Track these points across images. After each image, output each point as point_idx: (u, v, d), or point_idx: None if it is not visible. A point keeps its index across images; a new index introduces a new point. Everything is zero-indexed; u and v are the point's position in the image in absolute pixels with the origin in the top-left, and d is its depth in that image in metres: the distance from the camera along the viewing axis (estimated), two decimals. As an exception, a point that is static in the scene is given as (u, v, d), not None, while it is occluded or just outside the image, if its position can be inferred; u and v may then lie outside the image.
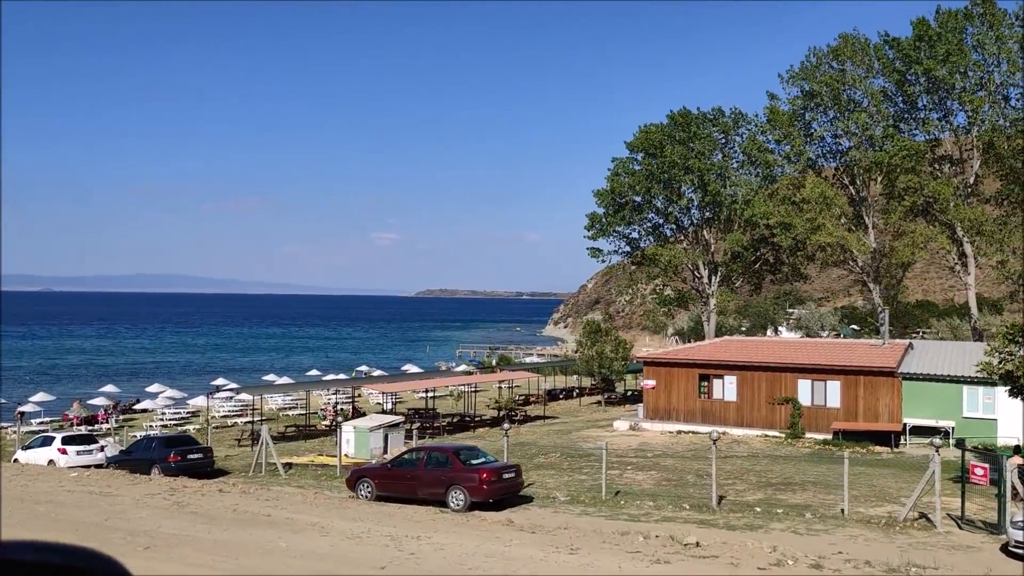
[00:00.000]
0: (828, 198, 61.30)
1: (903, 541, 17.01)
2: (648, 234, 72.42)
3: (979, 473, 18.66)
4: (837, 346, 37.69)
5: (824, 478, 25.55)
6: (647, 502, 21.97)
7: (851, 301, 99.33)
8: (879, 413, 32.07)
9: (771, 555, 13.43)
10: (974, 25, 58.95)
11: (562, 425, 42.98)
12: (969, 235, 59.13)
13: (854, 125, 61.52)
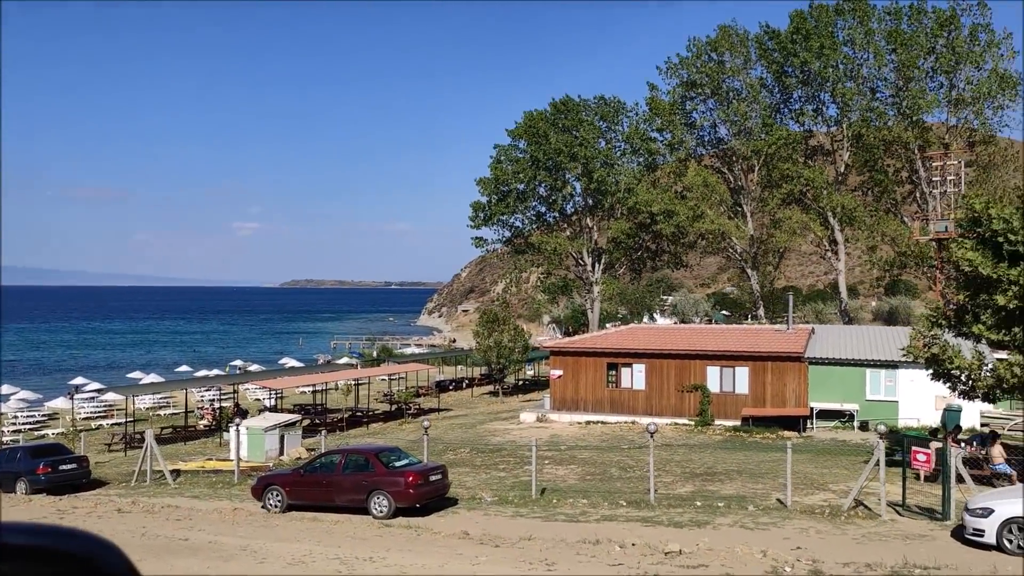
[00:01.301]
0: (710, 186, 62.53)
1: (855, 532, 16.74)
2: (532, 222, 72.00)
3: (921, 459, 18.72)
4: (745, 332, 38.11)
5: (745, 466, 25.43)
6: (580, 500, 21.00)
7: (720, 288, 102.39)
8: (787, 398, 32.54)
9: (763, 561, 12.69)
10: (845, 20, 61.34)
11: (462, 418, 41.68)
12: (841, 222, 61.71)
13: (733, 115, 62.99)
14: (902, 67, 59.71)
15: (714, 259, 76.38)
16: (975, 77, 58.49)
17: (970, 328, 20.69)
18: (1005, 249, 19.64)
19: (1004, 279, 19.38)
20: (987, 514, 14.88)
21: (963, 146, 57.72)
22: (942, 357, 20.92)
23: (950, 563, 13.56)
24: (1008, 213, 19.84)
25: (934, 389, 27.24)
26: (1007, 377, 19.62)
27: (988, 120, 58.69)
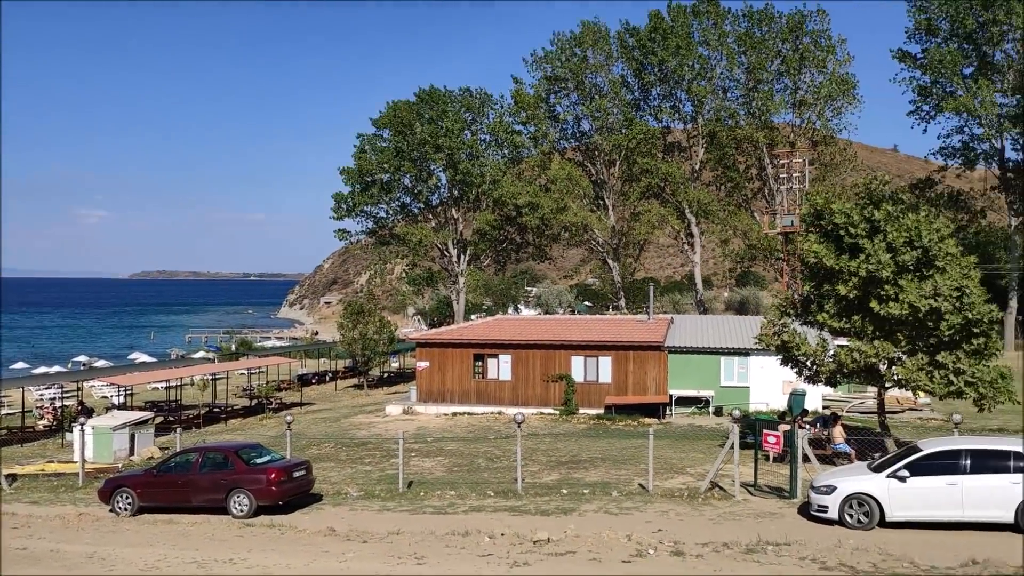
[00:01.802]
0: (573, 179, 63.75)
1: (711, 512, 17.40)
2: (397, 213, 71.26)
3: (772, 441, 19.70)
4: (607, 323, 39.02)
5: (609, 453, 26.04)
6: (448, 491, 20.90)
7: (583, 279, 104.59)
8: (648, 386, 33.62)
9: (628, 545, 12.98)
10: (701, 21, 63.75)
11: (327, 412, 40.76)
12: (697, 216, 64.26)
13: (596, 110, 64.43)
14: (752, 69, 62.77)
15: (577, 251, 77.95)
16: (817, 80, 62.14)
17: (815, 317, 21.95)
18: (846, 242, 20.93)
19: (845, 270, 20.65)
20: (830, 491, 15.81)
21: (807, 145, 61.34)
22: (790, 344, 22.10)
23: (798, 539, 14.30)
24: (848, 208, 21.14)
25: (782, 375, 28.79)
26: (847, 362, 20.94)
27: (829, 121, 62.55)
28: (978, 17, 61.63)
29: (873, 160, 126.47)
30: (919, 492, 15.11)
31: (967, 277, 19.83)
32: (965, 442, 15.98)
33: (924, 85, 65.52)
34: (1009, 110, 63.07)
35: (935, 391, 20.45)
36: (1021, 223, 66.97)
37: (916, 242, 20.03)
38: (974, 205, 68.92)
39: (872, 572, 12.35)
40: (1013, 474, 14.78)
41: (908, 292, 19.68)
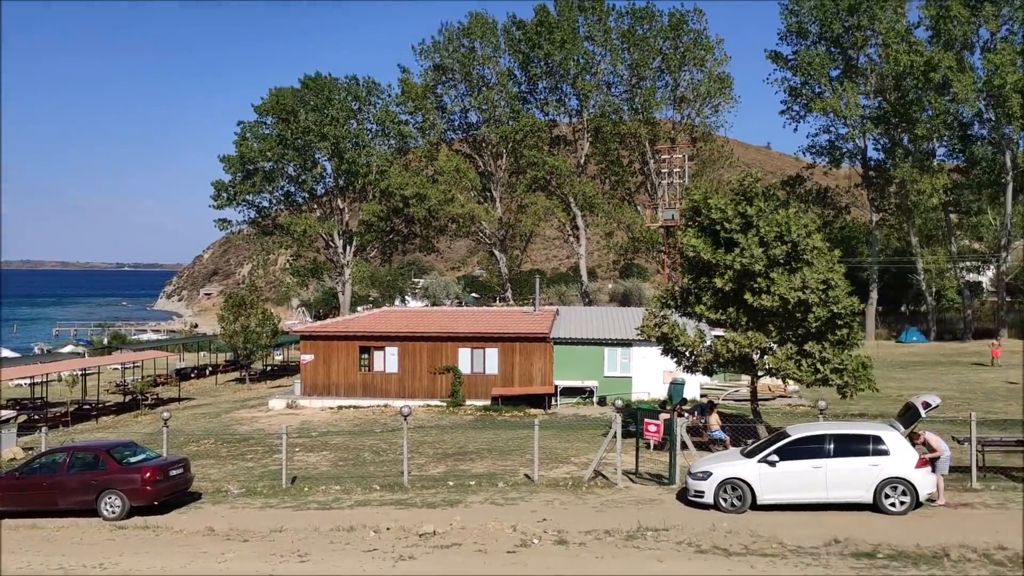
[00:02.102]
0: (461, 171, 63.76)
1: (594, 501, 17.80)
2: (280, 202, 69.55)
3: (652, 430, 20.28)
4: (494, 314, 39.19)
5: (495, 444, 26.22)
6: (333, 486, 20.60)
7: (470, 271, 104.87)
8: (533, 377, 34.00)
9: (513, 535, 13.12)
10: (586, 17, 64.76)
11: (206, 408, 39.41)
12: (582, 209, 65.38)
13: (483, 101, 64.59)
14: (635, 66, 64.29)
15: (464, 242, 78.10)
16: (696, 78, 64.21)
17: (693, 308, 22.73)
18: (722, 237, 21.76)
19: (721, 264, 21.47)
20: (706, 477, 16.44)
21: (687, 141, 63.38)
22: (670, 335, 22.81)
23: (676, 523, 14.82)
24: (724, 204, 21.97)
25: (662, 364, 29.65)
26: (723, 352, 21.80)
27: (707, 118, 64.81)
28: (844, 22, 65.07)
29: (748, 157, 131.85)
30: (788, 476, 15.89)
31: (832, 271, 20.94)
32: (829, 427, 16.91)
33: (795, 86, 68.77)
34: (871, 112, 66.95)
35: (803, 379, 21.51)
36: (881, 219, 71.29)
37: (786, 237, 21.00)
38: (839, 201, 72.90)
39: (743, 553, 12.92)
40: (872, 457, 15.75)
41: (779, 285, 20.62)
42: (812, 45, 67.56)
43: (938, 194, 63.75)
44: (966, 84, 59.41)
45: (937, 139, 65.81)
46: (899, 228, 72.25)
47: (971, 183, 65.56)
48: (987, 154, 63.53)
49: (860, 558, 12.48)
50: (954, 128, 65.01)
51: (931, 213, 67.64)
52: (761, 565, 12.35)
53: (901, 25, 64.33)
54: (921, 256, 69.49)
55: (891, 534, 13.79)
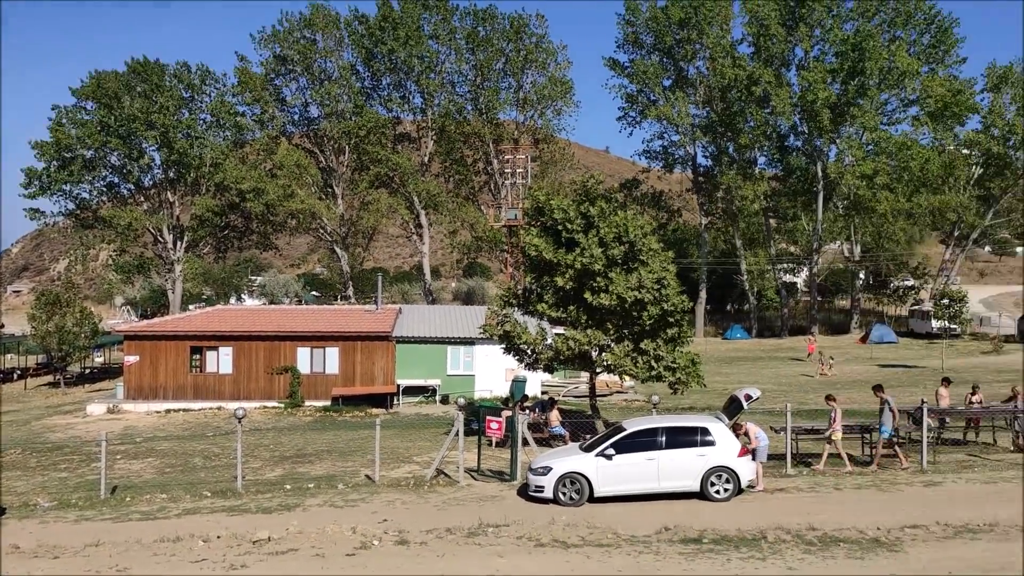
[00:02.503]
0: (301, 166, 62.06)
1: (436, 499, 17.70)
2: (102, 193, 65.12)
3: (494, 427, 20.40)
4: (335, 313, 38.26)
5: (335, 445, 25.63)
6: (158, 495, 19.43)
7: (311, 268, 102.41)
8: (375, 376, 33.49)
9: (353, 537, 12.78)
10: (430, 15, 64.62)
11: (14, 415, 36.26)
12: (426, 207, 65.18)
13: (325, 96, 63.13)
14: (480, 67, 64.79)
15: (304, 239, 76.06)
16: (539, 81, 65.50)
17: (535, 307, 23.08)
18: (563, 237, 22.22)
19: (563, 263, 21.91)
20: (546, 472, 16.72)
21: (530, 143, 64.51)
22: (512, 333, 23.06)
23: (517, 519, 14.97)
24: (566, 205, 22.45)
25: (505, 363, 29.99)
26: (563, 350, 22.26)
27: (550, 121, 66.26)
28: (676, 35, 68.30)
29: (588, 160, 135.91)
30: (623, 468, 16.42)
31: (665, 271, 21.83)
32: (661, 421, 17.61)
33: (631, 93, 71.53)
34: (701, 121, 70.64)
35: (638, 375, 22.31)
36: (710, 223, 75.38)
37: (624, 238, 21.70)
38: (672, 205, 76.50)
39: (580, 545, 13.21)
40: (700, 447, 16.53)
41: (617, 284, 21.28)
42: (647, 55, 70.55)
43: (759, 200, 68.11)
44: (783, 98, 63.76)
45: (758, 149, 70.35)
46: (725, 231, 76.68)
47: (788, 190, 70.45)
48: (801, 164, 68.50)
49: (688, 543, 13.04)
50: (773, 139, 69.69)
51: (753, 218, 72.24)
52: (597, 555, 12.66)
53: (727, 41, 68.28)
54: (744, 258, 74.05)
55: (716, 519, 14.51)
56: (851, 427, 20.76)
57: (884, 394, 19.50)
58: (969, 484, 16.93)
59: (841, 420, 19.41)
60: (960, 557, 11.92)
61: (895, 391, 34.88)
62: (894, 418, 19.12)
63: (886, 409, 19.14)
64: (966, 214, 69.04)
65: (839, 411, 19.36)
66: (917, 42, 67.10)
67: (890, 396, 19.51)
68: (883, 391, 19.74)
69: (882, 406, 19.27)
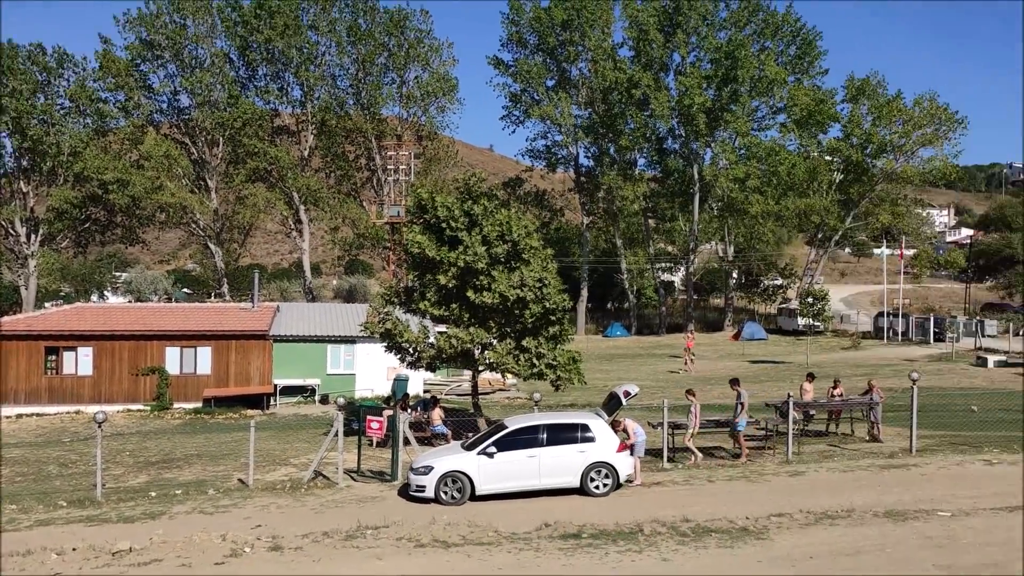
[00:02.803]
0: (171, 157, 59.40)
1: (314, 502, 17.21)
2: (-57, 181, 60.41)
3: (375, 427, 19.99)
4: (208, 311, 36.66)
5: (206, 449, 24.63)
6: (7, 506, 18.10)
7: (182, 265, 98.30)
8: (251, 376, 32.35)
9: (223, 545, 12.20)
10: (310, 5, 63.07)
11: None
12: (306, 202, 63.61)
13: (197, 84, 60.60)
14: (361, 60, 63.71)
15: (175, 234, 72.69)
16: (423, 78, 65.00)
17: (417, 305, 22.82)
18: (446, 234, 22.04)
19: (446, 261, 21.74)
20: (428, 471, 16.53)
21: (413, 139, 63.92)
22: (394, 332, 22.73)
23: (397, 519, 14.71)
24: (449, 203, 22.28)
25: (387, 361, 29.57)
26: (446, 348, 22.10)
27: (433, 118, 65.84)
28: (559, 36, 69.23)
29: (473, 158, 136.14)
30: (505, 466, 16.40)
31: (547, 269, 22.00)
32: (542, 418, 17.69)
33: (515, 92, 72.05)
34: (583, 121, 71.86)
35: (521, 373, 22.40)
36: (591, 222, 76.79)
37: (507, 236, 21.72)
38: (555, 204, 77.53)
39: (461, 544, 13.09)
40: (580, 444, 16.70)
41: (499, 282, 21.28)
42: (531, 55, 71.20)
43: (639, 201, 69.90)
44: (662, 102, 65.63)
45: (638, 150, 72.17)
46: (606, 231, 78.27)
47: (666, 192, 72.57)
48: (679, 166, 70.72)
49: (567, 539, 13.13)
50: (652, 141, 71.66)
51: (633, 218, 74.04)
52: (478, 554, 12.57)
53: (608, 44, 69.72)
54: (624, 257, 75.81)
55: (595, 514, 14.68)
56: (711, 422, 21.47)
57: (740, 388, 20.23)
58: (830, 473, 17.77)
59: (700, 415, 20.04)
60: (821, 542, 12.46)
61: (764, 386, 36.47)
62: (742, 411, 19.84)
63: (739, 403, 19.87)
64: (828, 217, 72.92)
65: (698, 406, 19.98)
66: (784, 53, 70.44)
67: (744, 390, 20.26)
68: (739, 385, 20.47)
69: (738, 400, 19.99)
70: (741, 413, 19.80)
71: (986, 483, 16.25)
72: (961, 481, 16.50)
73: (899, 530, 13.04)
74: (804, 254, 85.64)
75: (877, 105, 70.76)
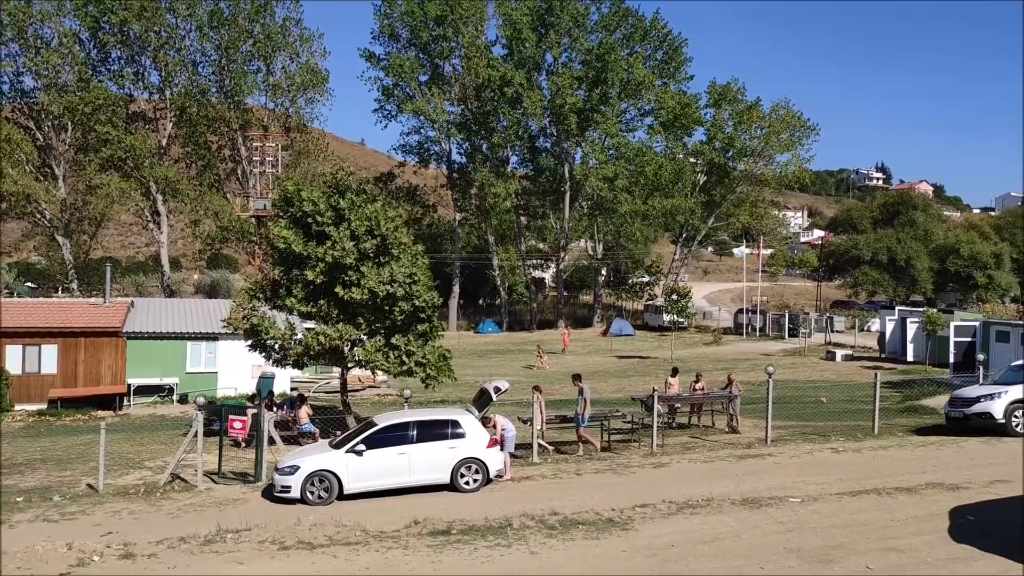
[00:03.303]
0: (13, 142, 55.44)
1: (170, 506, 16.45)
2: None
3: (238, 426, 19.27)
4: (54, 306, 34.23)
5: (52, 453, 23.12)
6: None
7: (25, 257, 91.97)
8: (102, 376, 30.54)
9: (69, 554, 11.39)
10: (171, -13, 60.17)
11: None
12: (164, 193, 60.71)
13: (43, 65, 56.77)
14: (224, 47, 61.28)
15: (18, 224, 67.81)
16: (291, 68, 63.21)
17: (284, 301, 22.13)
18: (314, 229, 21.47)
19: (313, 256, 21.17)
20: (294, 471, 16.06)
21: (280, 130, 62.07)
22: (259, 328, 21.96)
23: (260, 522, 14.22)
24: (316, 196, 21.72)
25: (251, 359, 28.55)
26: (313, 345, 21.54)
27: (302, 109, 64.13)
28: (432, 31, 68.90)
29: (343, 151, 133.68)
30: (374, 464, 16.15)
31: (417, 265, 21.79)
32: (413, 415, 17.54)
33: (387, 86, 71.22)
34: (456, 118, 71.84)
35: (390, 370, 22.12)
36: (464, 218, 76.88)
37: (376, 231, 21.38)
38: (428, 200, 77.18)
39: (327, 544, 12.78)
40: (450, 440, 16.65)
41: (368, 278, 20.92)
42: (404, 49, 70.53)
43: (511, 198, 70.51)
44: (534, 101, 66.45)
45: (510, 148, 72.77)
46: (479, 227, 78.58)
47: (538, 190, 73.55)
48: (551, 164, 71.82)
49: (436, 536, 13.04)
50: (524, 139, 72.42)
51: (505, 215, 74.62)
52: (344, 554, 12.30)
53: (481, 41, 69.97)
54: (496, 254, 76.32)
55: (465, 510, 14.66)
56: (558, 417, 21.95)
57: (581, 383, 20.76)
58: (691, 464, 18.43)
59: (545, 410, 20.45)
60: (682, 530, 12.89)
61: (631, 380, 37.55)
62: (585, 406, 20.35)
63: (581, 398, 20.37)
64: (692, 217, 75.84)
65: (543, 402, 20.35)
66: (652, 57, 72.71)
67: (586, 386, 20.79)
68: (580, 380, 21.00)
69: (580, 396, 20.45)
70: (585, 409, 20.23)
71: (833, 470, 17.25)
72: (810, 468, 17.46)
73: (754, 516, 13.65)
74: (670, 252, 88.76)
75: (738, 111, 74.14)
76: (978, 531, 12.23)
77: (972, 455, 18.33)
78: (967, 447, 19.33)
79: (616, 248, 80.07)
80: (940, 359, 37.78)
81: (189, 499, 17.03)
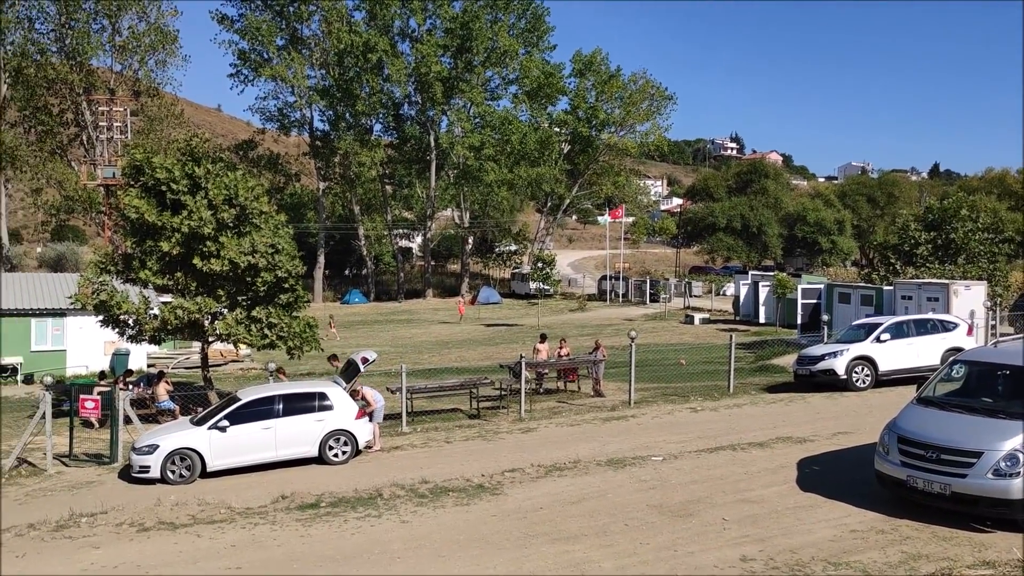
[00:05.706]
0: None
1: (18, 492, 15.57)
2: None
3: (90, 406, 18.31)
4: None
5: None
6: None
7: None
8: (-66, 358, 28.26)
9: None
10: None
11: None
12: (1, 161, 56.42)
13: None
14: (64, 3, 57.16)
15: None
16: (139, 27, 59.67)
17: (138, 274, 21.11)
18: (168, 198, 20.54)
19: (168, 227, 20.27)
20: (152, 450, 15.49)
21: (129, 95, 58.60)
22: (111, 303, 20.89)
23: (116, 504, 13.68)
24: (170, 164, 20.76)
25: (104, 335, 27.16)
26: (171, 319, 20.69)
27: (152, 72, 60.74)
28: (289, -7, 66.47)
29: (199, 118, 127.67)
30: (238, 440, 15.79)
31: (279, 235, 21.25)
32: (278, 388, 17.20)
33: (243, 50, 68.41)
34: (318, 84, 69.91)
35: (254, 343, 21.57)
36: (328, 187, 75.23)
37: (235, 200, 20.68)
38: (290, 169, 74.96)
39: (190, 524, 12.46)
40: (318, 413, 16.46)
41: (228, 249, 20.25)
42: (259, 11, 67.79)
43: (376, 167, 69.51)
44: (399, 68, 65.52)
45: (375, 116, 71.58)
46: (343, 197, 77.13)
47: (403, 158, 72.80)
48: (416, 133, 71.15)
49: (305, 509, 12.93)
50: (389, 107, 71.38)
51: (370, 184, 73.53)
52: (208, 533, 12.02)
53: (342, 5, 68.15)
54: (362, 223, 75.21)
55: (334, 482, 14.58)
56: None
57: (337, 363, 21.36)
58: (559, 428, 18.96)
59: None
60: (549, 492, 13.30)
61: (499, 348, 38.06)
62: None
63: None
64: (557, 186, 77.07)
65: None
66: (516, 25, 72.88)
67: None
68: (336, 360, 21.70)
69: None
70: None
71: (692, 428, 18.16)
72: (671, 428, 18.31)
73: (619, 476, 14.23)
74: (535, 221, 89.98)
75: (601, 81, 75.56)
76: (823, 480, 13.24)
77: (818, 410, 19.70)
78: (813, 402, 20.75)
79: (483, 217, 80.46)
80: (789, 320, 40.08)
81: (38, 484, 16.18)
